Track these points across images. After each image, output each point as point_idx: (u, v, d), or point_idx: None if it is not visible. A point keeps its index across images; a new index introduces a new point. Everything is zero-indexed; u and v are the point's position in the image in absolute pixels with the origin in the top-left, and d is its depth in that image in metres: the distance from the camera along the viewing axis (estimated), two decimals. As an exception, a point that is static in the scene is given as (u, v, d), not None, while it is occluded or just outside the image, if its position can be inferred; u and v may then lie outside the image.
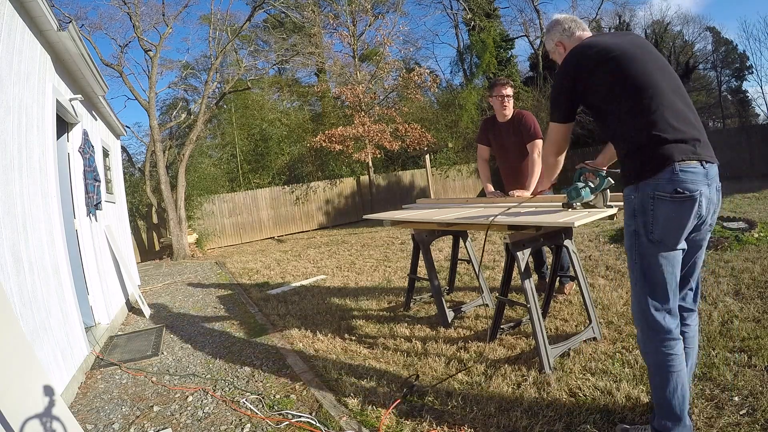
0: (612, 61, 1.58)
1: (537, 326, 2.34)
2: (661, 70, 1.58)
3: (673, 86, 1.56)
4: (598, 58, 1.61)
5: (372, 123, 12.04)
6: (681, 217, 1.49)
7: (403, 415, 2.09)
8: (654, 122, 1.50)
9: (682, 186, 1.45)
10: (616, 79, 1.57)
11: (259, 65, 14.56)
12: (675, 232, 1.51)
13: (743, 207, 7.08)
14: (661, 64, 1.61)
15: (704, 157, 1.49)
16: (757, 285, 3.24)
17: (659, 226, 1.51)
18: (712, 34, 21.50)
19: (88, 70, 3.92)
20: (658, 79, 1.54)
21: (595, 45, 1.65)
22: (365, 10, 13.63)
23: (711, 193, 1.51)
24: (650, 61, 1.59)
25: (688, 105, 1.56)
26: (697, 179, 1.46)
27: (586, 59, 1.64)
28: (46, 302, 2.68)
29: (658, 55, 1.64)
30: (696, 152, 1.47)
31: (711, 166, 1.50)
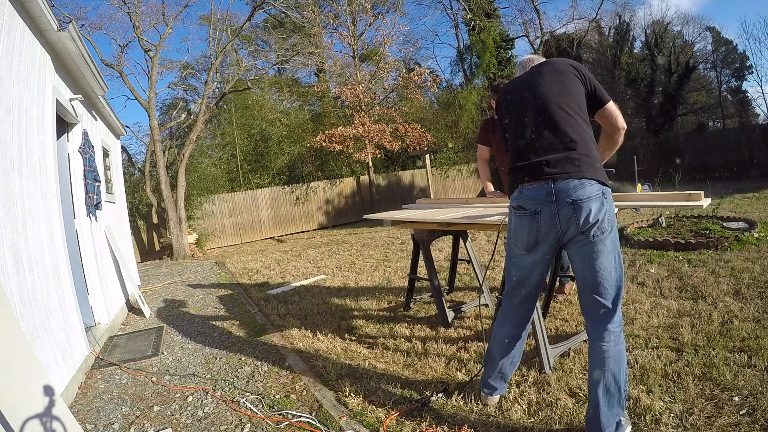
0: (499, 106, 2.01)
1: (537, 326, 2.34)
2: (526, 105, 1.83)
3: (539, 116, 1.79)
4: (499, 101, 2.02)
5: (372, 123, 12.04)
6: (521, 228, 1.82)
7: (404, 415, 2.09)
8: (511, 153, 1.88)
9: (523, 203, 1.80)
10: (501, 119, 2.00)
11: (259, 65, 14.58)
12: (521, 240, 1.84)
13: (743, 207, 7.08)
14: (536, 91, 1.81)
15: (549, 175, 1.72)
16: (757, 285, 3.24)
17: (510, 233, 1.90)
18: (712, 34, 21.49)
19: (88, 70, 3.92)
20: (523, 116, 1.83)
21: (505, 87, 2.02)
22: (365, 10, 13.62)
23: (559, 209, 1.70)
24: (518, 102, 1.87)
25: (554, 124, 1.75)
26: (538, 197, 1.74)
27: (498, 100, 2.06)
28: (46, 302, 2.68)
29: (536, 87, 1.82)
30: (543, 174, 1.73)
31: (563, 183, 1.69)
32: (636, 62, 20.05)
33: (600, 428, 1.64)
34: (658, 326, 2.74)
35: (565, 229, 1.71)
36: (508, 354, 2.00)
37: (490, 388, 2.08)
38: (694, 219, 5.72)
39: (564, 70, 1.82)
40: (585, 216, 1.66)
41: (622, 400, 1.66)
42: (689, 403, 1.89)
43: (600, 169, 1.74)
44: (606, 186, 1.72)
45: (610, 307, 1.70)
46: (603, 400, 1.64)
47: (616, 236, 1.72)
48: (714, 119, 22.06)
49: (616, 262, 1.70)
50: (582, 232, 1.68)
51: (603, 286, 1.69)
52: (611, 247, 1.70)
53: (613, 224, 1.71)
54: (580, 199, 1.66)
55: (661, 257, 4.35)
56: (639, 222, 5.92)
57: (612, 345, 1.67)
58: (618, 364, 1.66)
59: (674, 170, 7.15)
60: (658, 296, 3.30)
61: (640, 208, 5.25)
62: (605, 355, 1.66)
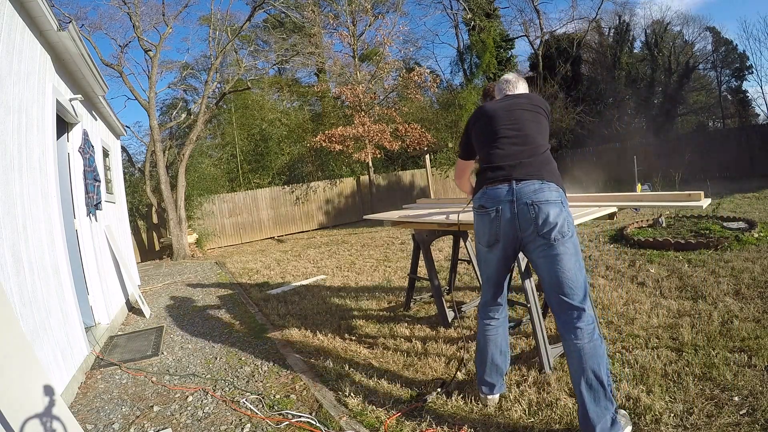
0: (479, 121, 2.09)
1: (537, 326, 2.34)
2: (504, 120, 1.99)
3: (510, 129, 1.97)
4: (476, 117, 2.11)
5: (372, 123, 12.03)
6: (483, 226, 1.95)
7: (404, 415, 2.09)
8: (487, 160, 2.00)
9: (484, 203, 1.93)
10: (476, 135, 2.11)
11: (259, 65, 14.58)
12: (483, 237, 1.97)
13: (743, 207, 7.08)
14: (512, 113, 2.00)
15: (509, 177, 1.86)
16: (757, 285, 3.24)
17: (475, 231, 2.04)
18: (712, 34, 21.48)
19: (88, 70, 3.92)
20: (495, 129, 1.99)
21: (479, 109, 2.12)
22: (365, 10, 13.61)
23: (518, 209, 1.82)
24: (495, 121, 2.00)
25: (524, 137, 1.93)
26: (499, 197, 1.87)
27: (472, 118, 2.14)
28: (46, 302, 2.68)
29: (517, 108, 2.01)
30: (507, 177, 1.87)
31: (522, 184, 1.82)
32: (636, 62, 20.05)
33: (591, 424, 1.66)
34: (658, 326, 2.74)
35: (524, 228, 1.82)
36: (494, 342, 2.07)
37: (488, 385, 2.09)
38: (694, 219, 5.71)
39: (537, 105, 2.04)
40: (544, 218, 1.77)
41: (608, 394, 1.69)
42: (689, 403, 1.89)
43: (561, 181, 1.88)
44: (565, 194, 1.87)
45: (579, 306, 1.76)
46: (588, 397, 1.68)
47: (576, 240, 1.83)
48: (714, 119, 22.05)
49: (580, 264, 1.80)
50: (541, 234, 1.78)
51: (569, 287, 1.76)
52: (573, 249, 1.79)
53: (572, 229, 1.82)
54: (539, 201, 1.78)
55: (661, 257, 4.35)
56: (639, 222, 5.92)
57: (586, 342, 1.72)
58: (596, 360, 1.70)
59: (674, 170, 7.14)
60: (658, 296, 3.30)
61: (640, 208, 5.25)
62: (581, 353, 1.72)
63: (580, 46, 19.74)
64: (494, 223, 1.89)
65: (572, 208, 2.54)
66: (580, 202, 2.76)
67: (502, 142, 1.94)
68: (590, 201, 2.70)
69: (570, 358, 1.76)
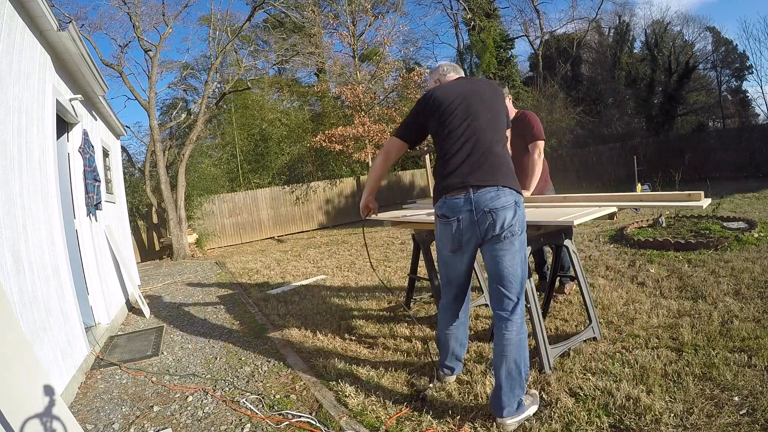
0: (436, 113, 2.00)
1: (537, 326, 2.34)
2: (464, 117, 1.95)
3: (470, 127, 1.95)
4: (433, 105, 2.02)
5: (372, 123, 12.04)
6: (446, 233, 1.99)
7: (404, 415, 2.09)
8: (443, 166, 1.99)
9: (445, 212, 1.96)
10: (437, 128, 2.02)
11: (259, 65, 14.59)
12: (447, 244, 2.03)
13: (743, 207, 7.08)
14: (471, 108, 1.96)
15: (468, 184, 1.89)
16: (757, 285, 3.24)
17: (437, 237, 2.08)
18: (712, 34, 21.51)
19: (88, 70, 3.92)
20: (455, 128, 1.96)
21: (434, 95, 2.02)
22: (365, 10, 13.62)
23: (477, 217, 1.88)
24: (458, 109, 1.96)
25: (478, 141, 1.93)
26: (459, 206, 1.91)
27: (428, 103, 2.04)
28: (46, 302, 2.68)
29: (479, 102, 1.98)
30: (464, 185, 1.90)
31: (481, 192, 1.87)
32: (636, 62, 20.06)
33: (501, 407, 1.87)
34: (658, 326, 2.74)
35: (484, 234, 1.91)
36: (455, 338, 2.24)
37: (448, 369, 2.33)
38: (694, 219, 5.71)
39: (498, 93, 2.07)
40: (501, 223, 1.87)
41: (522, 383, 1.89)
42: (689, 403, 1.89)
43: (514, 178, 1.96)
44: (519, 193, 1.95)
45: (514, 300, 1.92)
46: (505, 383, 1.87)
47: (524, 237, 1.96)
48: (714, 119, 22.07)
49: (522, 261, 1.93)
50: (497, 235, 1.90)
51: (509, 280, 1.91)
52: (519, 247, 1.92)
53: (522, 227, 1.94)
54: (496, 208, 1.86)
55: (661, 257, 4.35)
56: (639, 222, 5.92)
57: (514, 334, 1.89)
58: (519, 352, 1.88)
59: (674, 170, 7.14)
60: (658, 296, 3.30)
61: (640, 208, 5.25)
62: (507, 343, 1.89)
63: (580, 46, 19.76)
64: (456, 231, 1.95)
65: (572, 208, 2.55)
66: (580, 202, 2.76)
67: (459, 143, 1.94)
68: (590, 201, 2.70)
69: (497, 346, 1.92)
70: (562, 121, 16.65)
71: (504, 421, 1.87)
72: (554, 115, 16.54)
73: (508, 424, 1.87)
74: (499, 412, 1.87)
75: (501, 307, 1.93)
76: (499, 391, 1.87)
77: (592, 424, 1.84)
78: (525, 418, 1.91)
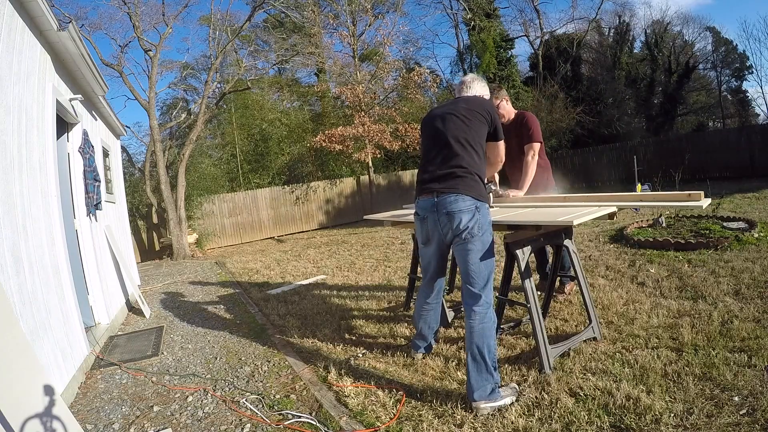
0: (422, 133, 2.50)
1: (537, 326, 2.34)
2: (436, 135, 2.34)
3: (439, 143, 2.31)
4: (422, 125, 2.51)
5: (372, 123, 12.03)
6: (419, 228, 2.42)
7: (404, 415, 2.09)
8: (419, 174, 2.40)
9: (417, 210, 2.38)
10: (422, 144, 2.49)
11: (259, 65, 14.57)
12: (419, 236, 2.46)
13: (743, 207, 7.08)
14: (440, 125, 2.33)
15: (433, 190, 2.25)
16: (757, 285, 3.24)
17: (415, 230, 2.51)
18: (712, 34, 21.51)
19: (88, 70, 3.92)
20: (430, 144, 2.37)
21: (425, 117, 2.51)
22: (365, 10, 13.60)
23: (439, 218, 2.24)
24: (430, 130, 2.38)
25: (447, 154, 2.27)
26: (426, 207, 2.29)
27: (421, 123, 2.53)
28: (46, 302, 2.68)
29: (448, 115, 2.32)
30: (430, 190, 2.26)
31: (442, 197, 2.20)
32: (636, 62, 20.06)
33: (471, 388, 2.05)
34: (658, 326, 2.74)
35: (445, 232, 2.26)
36: (424, 319, 2.61)
37: (415, 345, 2.70)
38: (694, 219, 5.71)
39: (473, 112, 2.31)
40: (457, 224, 2.17)
41: (489, 368, 2.06)
42: (689, 403, 1.89)
43: (477, 188, 2.21)
44: (481, 201, 2.20)
45: (477, 293, 2.18)
46: (471, 367, 2.08)
47: (487, 239, 2.20)
48: (714, 119, 22.08)
49: (485, 259, 2.19)
50: (456, 235, 2.20)
51: (472, 276, 2.19)
52: (480, 247, 2.18)
53: (483, 230, 2.19)
54: (454, 211, 2.17)
55: (661, 257, 4.35)
56: (639, 222, 5.92)
57: (477, 323, 2.13)
58: (481, 339, 2.09)
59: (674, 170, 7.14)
60: (658, 296, 3.30)
61: (640, 208, 5.25)
62: (471, 330, 2.13)
63: (580, 46, 19.75)
64: (424, 226, 2.36)
65: (572, 208, 2.55)
66: (580, 202, 2.76)
67: (432, 156, 2.34)
68: (590, 201, 2.70)
69: (466, 332, 2.16)
70: (562, 121, 16.64)
71: (477, 404, 2.03)
72: (554, 115, 16.53)
73: (481, 408, 2.03)
74: (471, 395, 2.05)
75: (466, 299, 2.22)
76: (468, 375, 2.09)
77: (592, 424, 1.84)
78: (500, 405, 2.04)
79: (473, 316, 2.15)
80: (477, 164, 2.25)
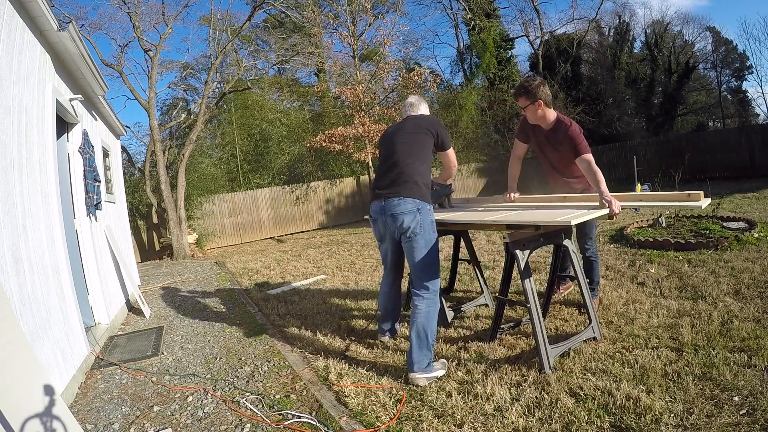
0: (379, 145, 2.94)
1: (537, 326, 2.34)
2: (386, 149, 2.72)
3: (388, 156, 2.68)
4: (379, 140, 2.96)
5: (372, 123, 12.02)
6: (373, 227, 2.79)
7: (404, 415, 2.09)
8: (374, 182, 2.76)
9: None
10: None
11: (259, 65, 14.56)
12: (375, 235, 2.85)
13: (743, 207, 7.08)
14: (390, 140, 2.72)
15: (381, 195, 2.60)
16: (757, 285, 3.24)
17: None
18: (712, 34, 21.51)
19: (88, 70, 3.92)
20: (382, 158, 2.76)
21: (382, 134, 2.92)
22: (365, 10, 13.59)
23: (386, 219, 2.59)
24: (385, 145, 2.77)
25: (393, 164, 2.62)
26: (376, 210, 2.65)
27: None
28: (46, 302, 2.68)
29: (396, 133, 2.73)
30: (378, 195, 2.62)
31: (388, 201, 2.54)
32: (636, 62, 20.06)
33: (412, 362, 2.38)
34: (658, 326, 2.74)
35: (392, 231, 2.60)
36: (384, 304, 2.98)
37: (381, 330, 3.06)
38: (694, 219, 5.71)
39: (420, 127, 2.68)
40: (400, 224, 2.50)
41: (429, 345, 2.41)
42: (689, 403, 1.89)
43: (418, 192, 2.51)
44: (422, 203, 2.51)
45: (423, 283, 2.51)
46: (415, 343, 2.40)
47: (429, 236, 2.52)
48: (714, 119, 22.08)
49: (429, 253, 2.51)
50: (401, 234, 2.55)
51: (418, 269, 2.53)
52: (424, 243, 2.51)
53: (425, 229, 2.50)
54: (397, 213, 2.50)
55: (661, 257, 4.35)
56: (639, 222, 5.92)
57: (424, 307, 2.46)
58: (427, 321, 2.43)
59: (674, 170, 7.14)
60: (658, 296, 3.30)
61: (640, 208, 5.25)
62: (418, 312, 2.46)
63: (580, 46, 19.74)
64: (376, 227, 2.72)
65: (571, 208, 2.55)
66: (580, 202, 2.77)
67: (382, 167, 2.70)
68: (590, 201, 2.70)
69: (414, 314, 2.47)
70: (562, 121, 16.62)
71: (414, 375, 2.36)
72: (554, 115, 16.50)
73: (418, 378, 2.36)
74: (411, 367, 2.38)
75: (415, 287, 2.54)
76: (411, 350, 2.40)
77: (592, 424, 1.84)
78: (434, 377, 2.38)
79: (421, 301, 2.48)
80: (420, 172, 2.57)
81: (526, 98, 2.85)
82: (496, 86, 18.11)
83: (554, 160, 3.10)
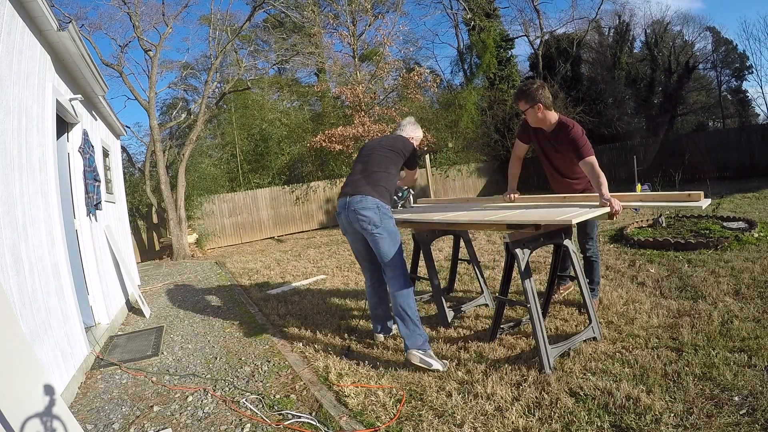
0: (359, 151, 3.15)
1: (537, 326, 2.34)
2: (362, 158, 2.99)
3: (363, 163, 2.95)
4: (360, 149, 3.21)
5: (372, 123, 12.02)
6: (339, 222, 2.95)
7: (404, 415, 2.09)
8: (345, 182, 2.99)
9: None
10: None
11: (259, 65, 14.56)
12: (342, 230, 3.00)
13: (743, 207, 7.08)
14: (368, 151, 3.02)
15: (347, 193, 2.82)
16: (757, 285, 3.24)
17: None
18: (712, 34, 21.50)
19: (88, 70, 3.92)
20: (355, 164, 3.02)
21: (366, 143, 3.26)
22: (365, 10, 13.59)
23: (348, 214, 2.77)
24: (361, 155, 3.03)
25: (363, 169, 2.90)
26: (342, 206, 2.84)
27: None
28: (46, 302, 2.68)
29: (375, 147, 3.02)
30: (343, 193, 2.85)
31: (351, 198, 2.76)
32: (636, 62, 20.04)
33: (405, 341, 2.57)
34: (658, 326, 2.74)
35: (357, 225, 2.75)
36: (370, 301, 3.10)
37: (374, 329, 3.12)
38: (694, 219, 5.71)
39: (396, 147, 2.98)
40: (362, 218, 2.69)
41: (414, 321, 2.58)
42: (689, 403, 1.89)
43: (380, 193, 2.75)
44: (382, 202, 2.73)
45: (390, 269, 2.69)
46: (400, 324, 2.61)
47: (391, 229, 2.72)
48: (714, 119, 22.06)
49: (392, 243, 2.69)
50: (363, 227, 2.71)
51: (384, 257, 2.71)
52: (385, 234, 2.69)
53: (385, 223, 2.69)
54: (359, 208, 2.69)
55: (661, 257, 4.35)
56: (639, 222, 5.92)
57: (396, 289, 2.66)
58: (403, 300, 2.62)
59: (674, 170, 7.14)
60: (658, 296, 3.30)
61: (640, 208, 5.26)
62: (393, 296, 2.66)
63: (580, 46, 19.73)
64: (341, 221, 2.90)
65: (571, 208, 2.55)
66: (580, 202, 2.76)
67: (355, 170, 2.96)
68: (591, 201, 2.70)
69: (391, 298, 2.70)
70: (562, 121, 16.62)
71: (410, 351, 2.50)
72: (554, 115, 16.49)
73: (412, 354, 2.48)
74: (405, 347, 2.55)
75: (386, 273, 2.75)
76: (400, 332, 2.62)
77: (592, 424, 1.84)
78: (428, 363, 2.45)
79: (394, 284, 2.67)
80: (385, 179, 2.84)
81: (526, 102, 2.84)
82: (496, 86, 18.11)
83: (556, 162, 3.10)
